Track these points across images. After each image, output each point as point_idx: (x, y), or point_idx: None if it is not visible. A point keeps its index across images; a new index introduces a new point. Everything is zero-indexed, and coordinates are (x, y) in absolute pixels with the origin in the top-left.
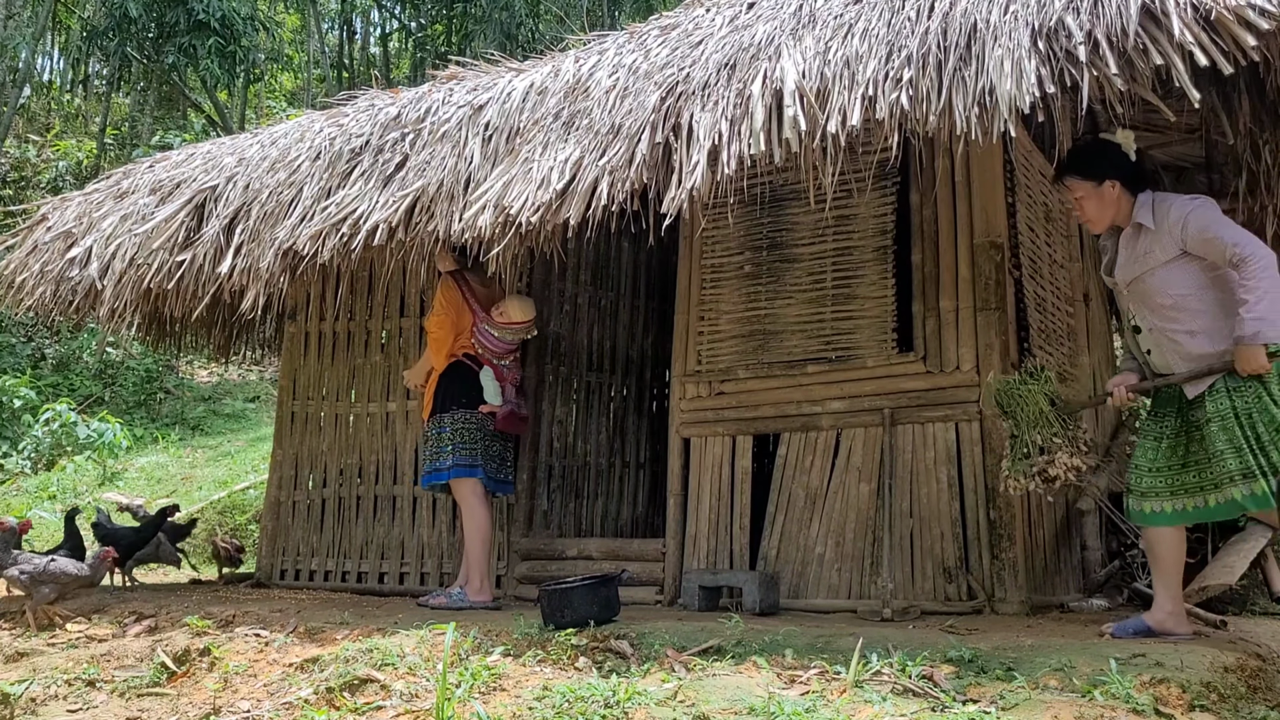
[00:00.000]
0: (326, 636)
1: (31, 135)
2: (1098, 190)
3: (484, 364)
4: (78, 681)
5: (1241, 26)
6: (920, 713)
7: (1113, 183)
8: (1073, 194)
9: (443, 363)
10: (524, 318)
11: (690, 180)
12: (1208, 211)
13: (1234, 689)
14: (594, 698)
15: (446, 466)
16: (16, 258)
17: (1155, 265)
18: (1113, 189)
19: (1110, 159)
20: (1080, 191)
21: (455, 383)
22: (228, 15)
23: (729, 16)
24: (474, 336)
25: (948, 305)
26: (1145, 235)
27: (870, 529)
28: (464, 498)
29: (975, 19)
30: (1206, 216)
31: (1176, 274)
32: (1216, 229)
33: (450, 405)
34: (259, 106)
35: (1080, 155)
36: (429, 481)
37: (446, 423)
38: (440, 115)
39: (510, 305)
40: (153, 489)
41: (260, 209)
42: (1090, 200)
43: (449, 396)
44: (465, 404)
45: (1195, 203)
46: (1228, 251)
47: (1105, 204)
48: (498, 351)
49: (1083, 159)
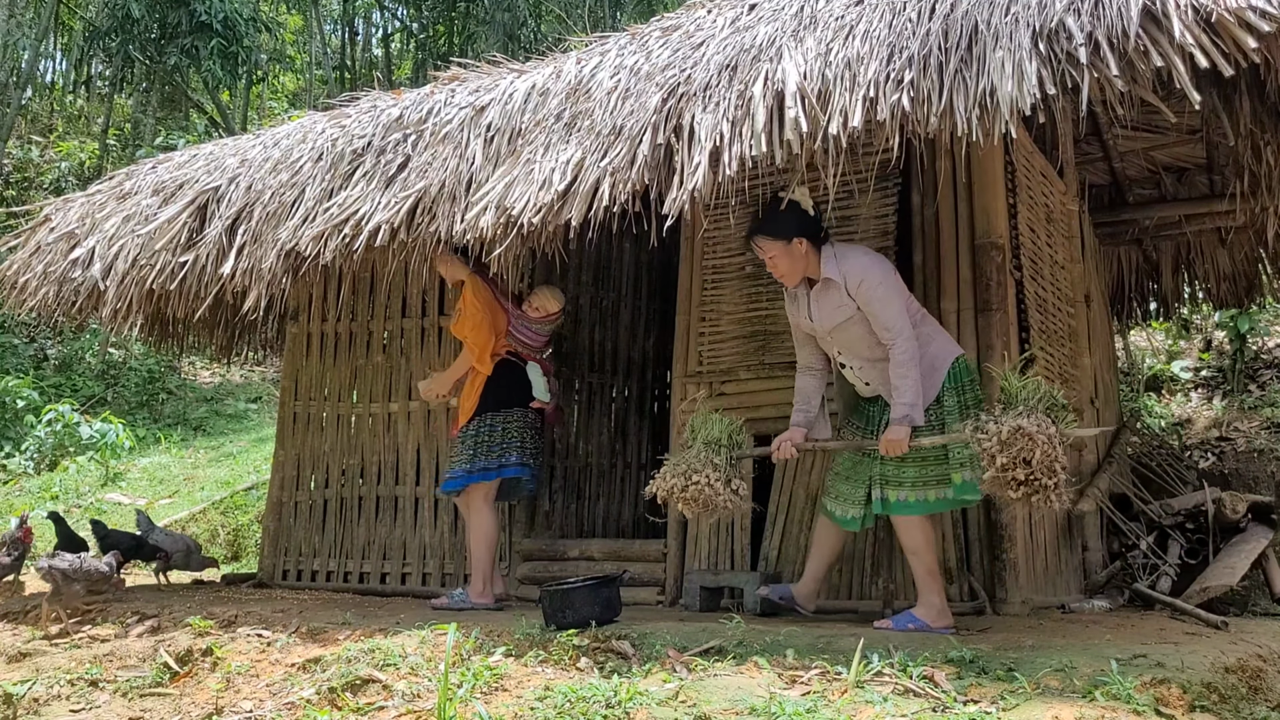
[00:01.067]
0: (328, 637)
1: (34, 136)
2: (787, 248)
3: (528, 360)
4: (80, 681)
5: (1242, 28)
6: (921, 713)
7: (800, 240)
8: (765, 254)
9: (489, 365)
10: (558, 307)
11: (692, 181)
12: (875, 288)
13: (1235, 690)
14: (595, 698)
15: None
16: (19, 258)
17: (852, 315)
18: (800, 245)
19: (795, 218)
20: (772, 251)
21: (504, 382)
22: (230, 16)
23: (730, 18)
24: (511, 334)
25: (949, 306)
26: (834, 288)
27: (870, 530)
28: (479, 500)
29: (976, 20)
30: (873, 292)
31: (869, 325)
32: (878, 307)
33: (503, 405)
34: (261, 108)
35: (768, 217)
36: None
37: (500, 421)
38: (442, 116)
39: (543, 297)
40: (155, 489)
41: (263, 210)
42: (781, 258)
43: (499, 397)
44: (518, 401)
45: (868, 271)
46: (880, 333)
47: (795, 260)
48: (536, 345)
49: (770, 220)
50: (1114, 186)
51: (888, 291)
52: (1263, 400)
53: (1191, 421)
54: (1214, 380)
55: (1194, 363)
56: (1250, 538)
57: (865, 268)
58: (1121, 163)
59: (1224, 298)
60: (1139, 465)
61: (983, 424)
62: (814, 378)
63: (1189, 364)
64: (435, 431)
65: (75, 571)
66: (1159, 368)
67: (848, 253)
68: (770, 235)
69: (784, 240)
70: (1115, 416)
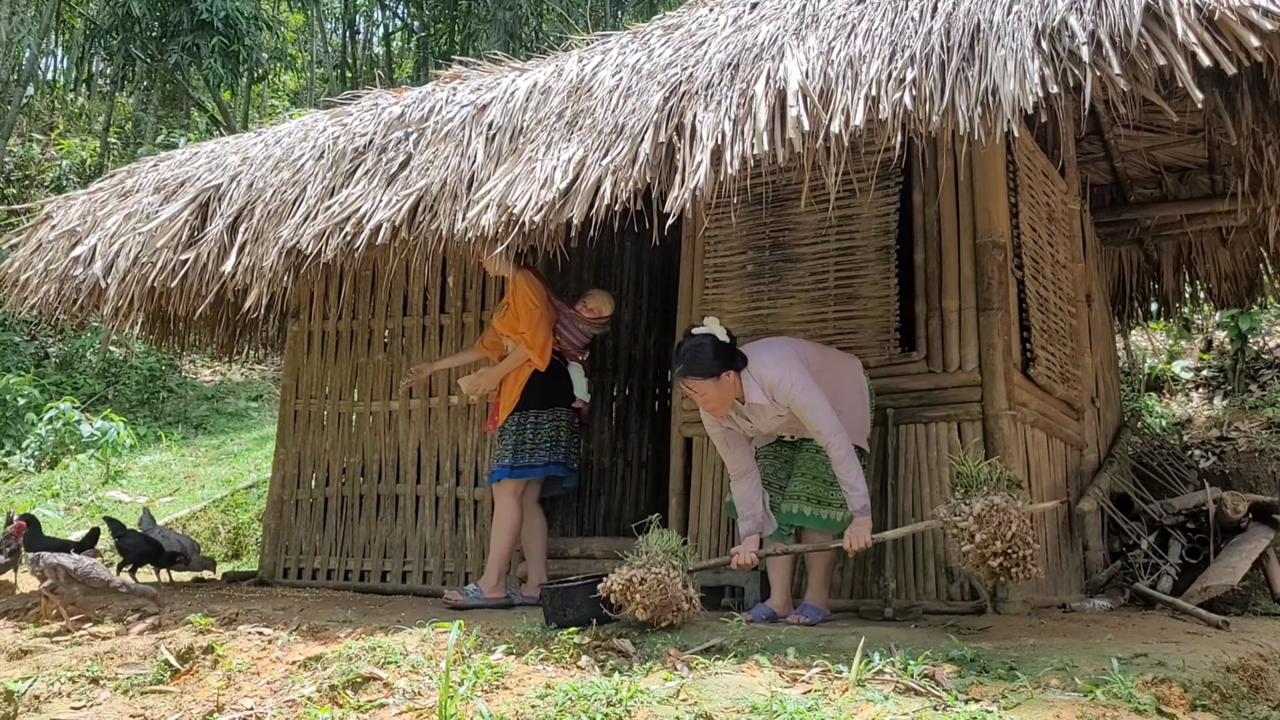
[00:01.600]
0: (329, 635)
1: (35, 134)
2: (717, 383)
3: (569, 360)
4: (81, 679)
5: (1244, 27)
6: (922, 712)
7: (728, 373)
8: (695, 393)
9: (547, 362)
10: (610, 311)
11: (693, 180)
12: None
13: (1236, 689)
14: (596, 696)
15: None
16: (21, 256)
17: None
18: (729, 377)
19: (716, 352)
20: (702, 389)
21: (546, 380)
22: (231, 15)
23: (732, 16)
24: (557, 332)
25: (950, 305)
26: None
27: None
28: (507, 495)
29: (979, 19)
30: (797, 399)
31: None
32: (807, 413)
33: (545, 403)
34: (262, 106)
35: (691, 358)
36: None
37: (547, 420)
38: (444, 115)
39: (599, 299)
40: (156, 487)
41: (264, 208)
42: (712, 393)
43: (541, 395)
44: (559, 400)
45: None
46: (815, 435)
47: (725, 392)
48: (579, 345)
49: (695, 361)
50: (1115, 186)
51: (809, 395)
52: (1264, 400)
53: (1192, 421)
54: (1215, 380)
55: (1195, 362)
56: (1251, 537)
57: (781, 377)
58: (1123, 162)
59: (1225, 297)
60: (1140, 465)
61: (954, 506)
62: (749, 481)
63: (1190, 364)
64: (436, 430)
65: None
66: (1160, 367)
67: (760, 366)
68: (699, 375)
69: (714, 378)
70: (1116, 416)
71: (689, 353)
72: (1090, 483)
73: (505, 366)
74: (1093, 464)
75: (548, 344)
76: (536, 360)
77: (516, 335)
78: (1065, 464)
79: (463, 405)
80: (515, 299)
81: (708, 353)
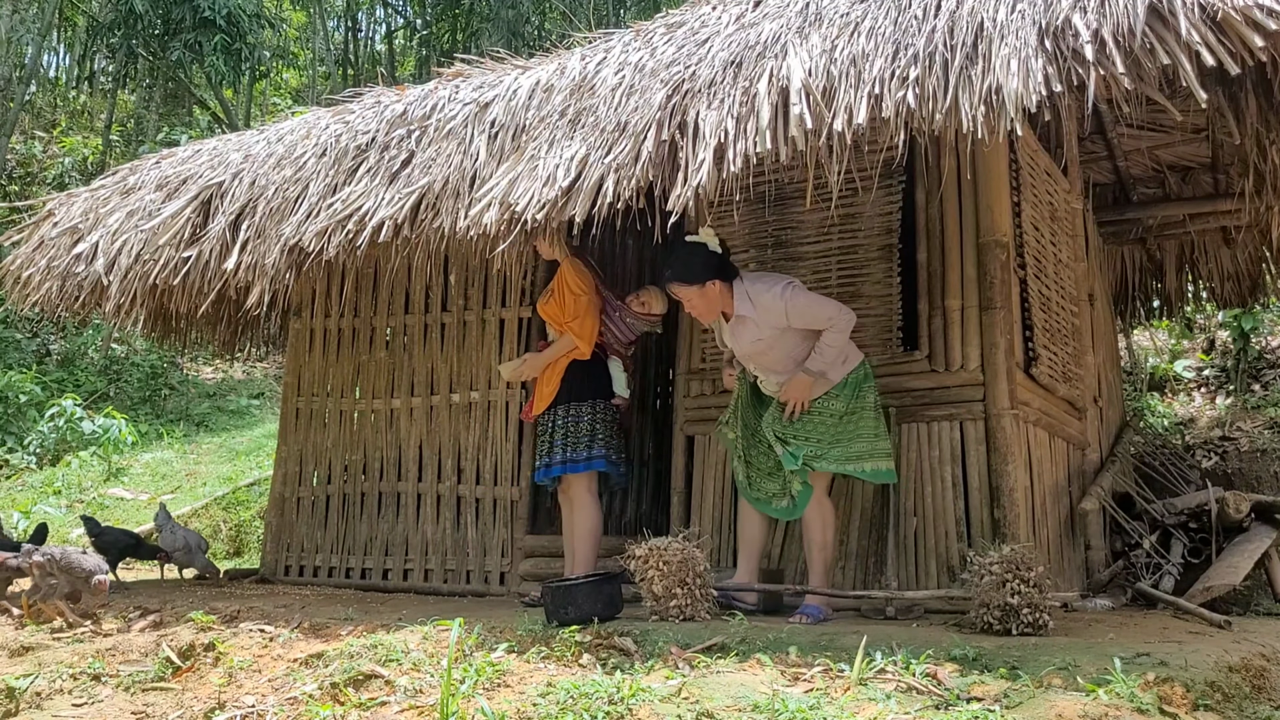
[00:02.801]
0: (331, 632)
1: (38, 131)
2: (702, 291)
3: (611, 354)
4: (83, 676)
5: (1249, 26)
6: (924, 710)
7: (713, 282)
8: (681, 297)
9: (590, 351)
10: (662, 310)
11: (696, 178)
12: (797, 301)
13: (1238, 689)
14: (598, 694)
15: (583, 458)
16: (23, 253)
17: (767, 340)
18: (714, 287)
19: (705, 261)
20: (687, 295)
21: (586, 373)
22: (234, 12)
23: (735, 14)
24: (604, 324)
25: (953, 304)
26: (749, 322)
27: (874, 527)
28: (581, 493)
29: (982, 17)
30: (797, 304)
31: (783, 342)
32: (810, 312)
33: (583, 396)
34: (264, 104)
35: (679, 264)
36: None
37: (586, 413)
38: (446, 112)
39: (653, 295)
40: (157, 485)
41: (266, 205)
42: (697, 301)
43: (587, 386)
44: (598, 394)
45: (784, 295)
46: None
47: (710, 301)
48: (625, 341)
49: (683, 266)
50: (1118, 185)
51: (808, 298)
52: (1266, 400)
53: (1194, 421)
54: (1217, 380)
55: (1197, 362)
56: (1253, 537)
57: (778, 295)
58: (1126, 161)
59: (1228, 297)
60: (1142, 464)
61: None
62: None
63: (1192, 363)
64: (437, 428)
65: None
66: (1162, 367)
67: (758, 286)
68: (684, 281)
69: (698, 285)
70: (1118, 415)
71: (678, 258)
72: (1093, 482)
73: (551, 354)
74: (1095, 463)
75: (595, 333)
76: (584, 349)
77: (558, 323)
78: (1067, 463)
79: (464, 403)
80: (560, 286)
81: (698, 260)
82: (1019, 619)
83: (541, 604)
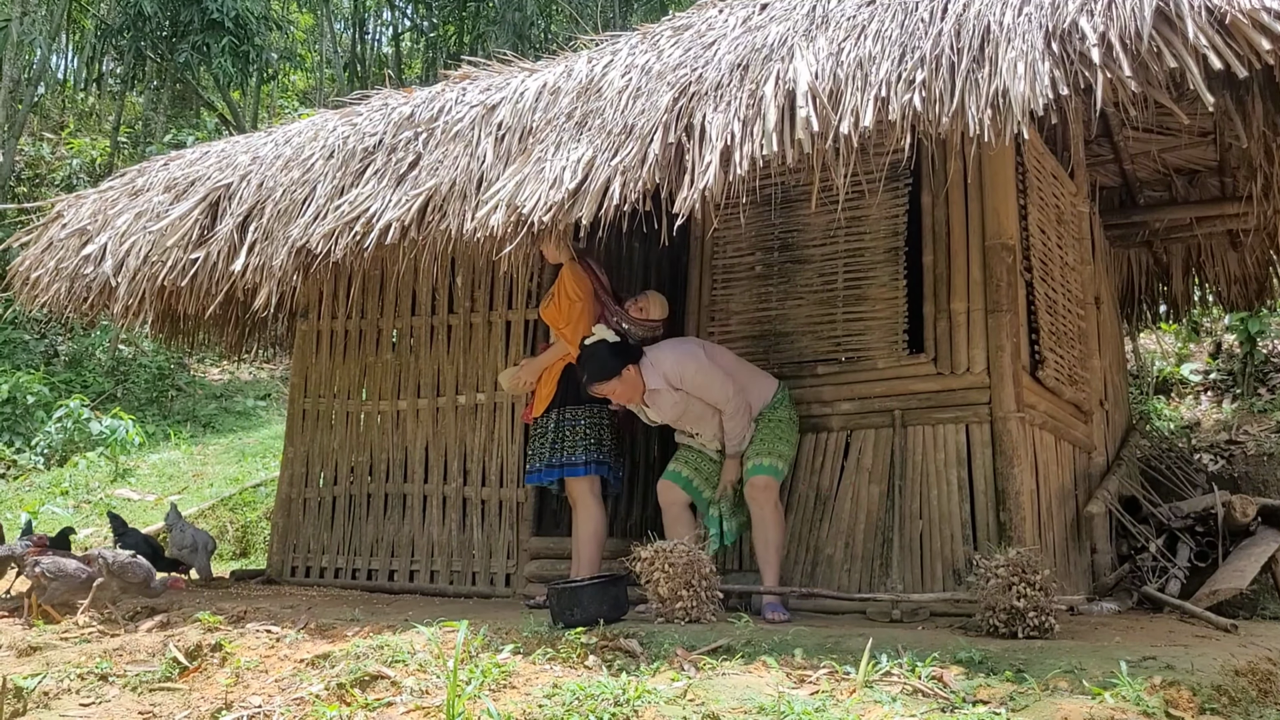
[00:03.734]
0: (337, 633)
1: (46, 133)
2: (621, 379)
3: None
4: (90, 675)
5: (1256, 30)
6: (930, 713)
7: (627, 367)
8: (606, 393)
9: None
10: (660, 316)
11: (702, 181)
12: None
13: (1245, 692)
14: (603, 696)
15: (581, 461)
16: (31, 254)
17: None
18: (630, 371)
19: (611, 353)
20: (610, 389)
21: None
22: (241, 14)
23: (742, 17)
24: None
25: (959, 307)
26: (663, 392)
27: (880, 530)
28: (583, 495)
29: (989, 20)
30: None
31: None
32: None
33: (581, 399)
34: (271, 106)
35: (593, 365)
36: (553, 476)
37: (583, 416)
38: (453, 115)
39: (651, 302)
40: (164, 485)
41: (274, 207)
42: (620, 389)
43: (577, 391)
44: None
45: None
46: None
47: (631, 384)
48: None
49: (597, 367)
50: (1125, 188)
51: (706, 376)
52: (1273, 404)
53: (1201, 424)
54: (1224, 383)
55: (1203, 365)
56: (1260, 541)
57: (679, 363)
58: (1132, 165)
59: (1234, 300)
60: (1148, 468)
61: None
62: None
63: (1198, 367)
64: (443, 429)
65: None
66: (1168, 370)
67: (659, 354)
68: (603, 379)
69: (616, 376)
70: (1125, 419)
71: (589, 361)
72: (1099, 485)
73: (546, 359)
74: (1101, 467)
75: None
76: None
77: (557, 328)
78: (1073, 466)
79: (470, 405)
80: (559, 290)
81: (604, 355)
82: (1025, 622)
83: (547, 606)
